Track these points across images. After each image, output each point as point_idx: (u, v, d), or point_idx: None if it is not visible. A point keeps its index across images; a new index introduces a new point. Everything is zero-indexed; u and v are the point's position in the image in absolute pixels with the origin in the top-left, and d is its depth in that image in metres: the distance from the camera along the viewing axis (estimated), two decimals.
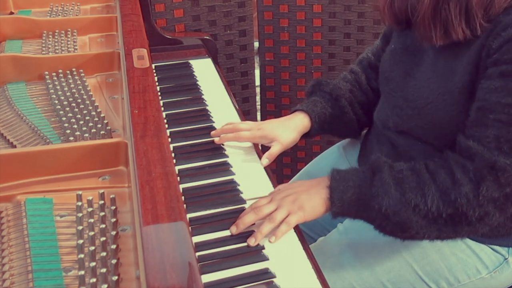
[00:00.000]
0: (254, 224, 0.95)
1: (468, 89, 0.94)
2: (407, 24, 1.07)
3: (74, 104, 1.14)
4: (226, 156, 1.16)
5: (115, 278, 0.75)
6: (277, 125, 1.18)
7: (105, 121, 1.08)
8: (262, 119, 2.00)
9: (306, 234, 1.29)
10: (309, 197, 0.96)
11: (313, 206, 0.96)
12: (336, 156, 1.34)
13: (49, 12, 1.61)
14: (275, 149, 1.14)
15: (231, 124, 1.19)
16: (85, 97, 1.18)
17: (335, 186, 0.95)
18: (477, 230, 0.92)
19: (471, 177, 0.88)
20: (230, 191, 1.05)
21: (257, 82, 1.95)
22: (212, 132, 1.19)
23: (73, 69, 1.29)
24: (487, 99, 0.89)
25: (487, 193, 0.87)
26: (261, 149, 1.22)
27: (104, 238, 0.80)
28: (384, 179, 0.93)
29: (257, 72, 1.94)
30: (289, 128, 1.17)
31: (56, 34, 1.46)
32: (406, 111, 1.05)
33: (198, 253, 0.89)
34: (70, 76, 1.27)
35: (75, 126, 1.05)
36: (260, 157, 1.17)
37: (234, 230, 0.93)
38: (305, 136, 1.22)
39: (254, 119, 2.02)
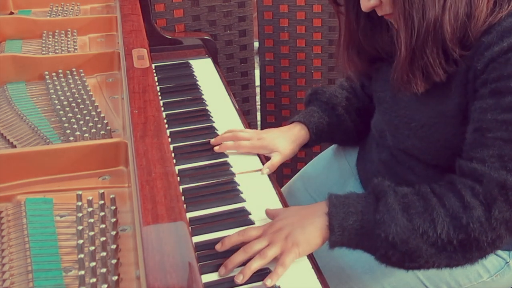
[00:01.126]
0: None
1: (461, 111, 0.92)
2: (381, 61, 1.07)
3: (74, 104, 1.14)
4: (226, 156, 1.16)
5: (115, 278, 0.75)
6: (277, 135, 1.18)
7: (105, 121, 1.08)
8: (262, 119, 2.00)
9: None
10: (302, 230, 0.89)
11: (309, 239, 0.89)
12: (335, 156, 1.34)
13: (49, 12, 1.61)
14: (276, 160, 1.15)
15: (231, 132, 1.18)
16: (85, 97, 1.18)
17: (334, 212, 0.89)
18: (486, 254, 0.88)
19: (481, 200, 0.84)
20: (230, 191, 1.05)
21: (257, 82, 1.95)
22: (212, 140, 1.18)
23: (73, 69, 1.29)
24: (483, 119, 0.86)
25: (499, 215, 0.83)
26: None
27: (104, 238, 0.80)
28: (389, 204, 0.87)
29: (257, 72, 1.94)
30: (289, 140, 1.18)
31: (56, 34, 1.46)
32: (402, 130, 1.02)
33: (198, 253, 0.89)
34: (70, 76, 1.27)
35: (75, 126, 1.05)
36: (260, 157, 1.17)
37: (223, 272, 0.86)
38: (304, 147, 1.21)
39: (254, 119, 2.02)
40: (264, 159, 1.18)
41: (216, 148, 1.16)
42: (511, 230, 0.86)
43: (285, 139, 1.17)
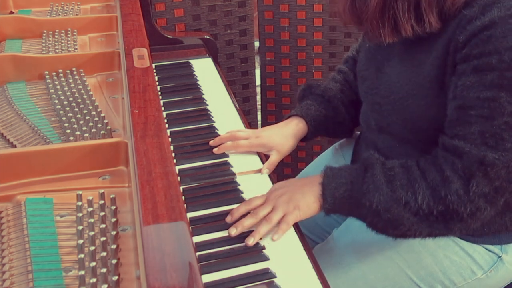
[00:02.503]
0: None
1: (437, 83, 0.94)
2: None
3: (74, 104, 1.14)
4: (227, 156, 1.16)
5: (115, 278, 0.75)
6: (275, 132, 1.18)
7: (105, 121, 1.08)
8: (263, 118, 2.00)
9: (306, 236, 1.29)
10: (303, 195, 0.97)
11: (308, 204, 0.96)
12: (334, 156, 1.35)
13: (49, 11, 1.61)
14: (274, 159, 1.16)
15: (229, 133, 1.19)
16: (85, 97, 1.18)
17: (327, 183, 0.96)
18: (469, 225, 0.92)
19: (461, 174, 0.88)
20: (230, 191, 1.05)
21: (258, 82, 1.95)
22: (211, 142, 1.18)
23: (73, 69, 1.29)
24: (465, 96, 0.88)
25: (477, 189, 0.87)
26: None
27: (104, 238, 0.80)
28: (375, 175, 0.93)
29: (257, 72, 1.94)
30: (287, 136, 1.19)
31: (56, 33, 1.46)
32: (384, 107, 1.05)
33: (198, 253, 0.89)
34: (70, 76, 1.27)
35: (75, 126, 1.05)
36: (260, 157, 1.17)
37: (233, 231, 0.93)
38: (303, 140, 1.23)
39: (254, 119, 2.02)
40: (264, 157, 1.18)
41: (215, 150, 1.17)
42: (491, 202, 0.89)
43: (282, 136, 1.18)
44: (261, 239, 0.93)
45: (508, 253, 1.05)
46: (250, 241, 0.92)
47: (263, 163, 1.15)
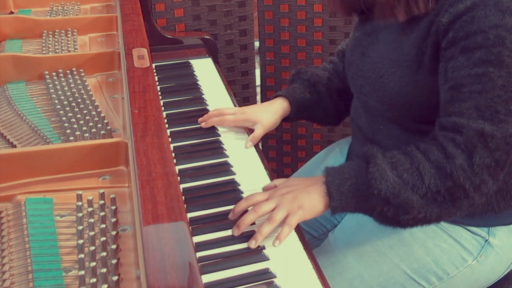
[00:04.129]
0: (254, 223, 0.95)
1: (415, 62, 0.98)
2: (360, 13, 1.13)
3: (74, 104, 1.14)
4: (226, 156, 1.16)
5: (115, 278, 0.75)
6: (259, 109, 1.26)
7: (105, 121, 1.08)
8: None
9: (304, 230, 1.30)
10: (307, 195, 0.96)
11: (312, 204, 0.96)
12: (332, 154, 1.37)
13: (49, 11, 1.61)
14: (258, 132, 1.21)
15: (217, 110, 1.27)
16: (85, 97, 1.18)
17: (331, 180, 0.95)
18: (475, 201, 0.93)
19: (463, 149, 0.90)
20: (230, 191, 1.05)
21: (258, 82, 1.95)
22: (200, 119, 1.25)
23: (73, 69, 1.29)
24: (457, 76, 0.91)
25: (480, 161, 0.89)
26: (261, 149, 1.22)
27: (104, 238, 0.80)
28: (378, 164, 0.93)
29: (257, 72, 1.94)
30: (271, 112, 1.25)
31: (56, 33, 1.46)
32: (366, 88, 1.10)
33: (198, 253, 0.89)
34: (70, 76, 1.27)
35: (75, 126, 1.05)
36: (260, 157, 1.17)
37: (236, 231, 0.93)
38: (286, 120, 1.29)
39: None
40: (264, 158, 1.18)
41: (203, 124, 1.24)
42: (493, 175, 0.91)
43: (267, 112, 1.25)
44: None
45: (495, 236, 1.07)
46: (253, 244, 0.91)
47: (264, 164, 1.15)
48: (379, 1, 1.02)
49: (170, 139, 1.10)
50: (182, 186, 1.05)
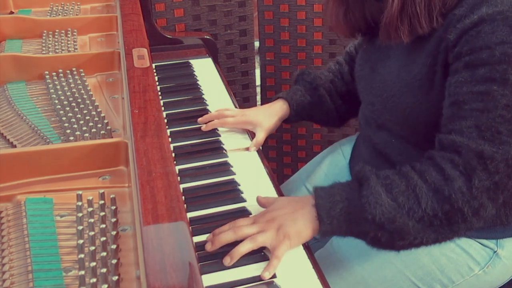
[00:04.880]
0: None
1: (427, 81, 0.96)
2: (364, 33, 1.13)
3: (74, 104, 1.14)
4: (226, 156, 1.16)
5: (115, 278, 0.75)
6: (260, 111, 1.26)
7: (105, 121, 1.08)
8: None
9: None
10: (293, 222, 0.90)
11: (299, 232, 0.90)
12: (334, 155, 1.35)
13: (49, 11, 1.61)
14: (260, 136, 1.21)
15: (217, 112, 1.26)
16: (85, 97, 1.18)
17: (321, 203, 0.90)
18: (473, 225, 0.90)
19: (462, 171, 0.87)
20: (230, 191, 1.05)
21: (258, 82, 1.95)
22: (199, 119, 1.25)
23: (73, 69, 1.29)
24: (459, 92, 0.89)
25: (479, 183, 0.86)
26: (261, 149, 1.22)
27: (104, 238, 0.80)
28: (372, 187, 0.89)
29: (257, 72, 1.94)
30: (271, 114, 1.25)
31: (56, 33, 1.46)
32: (376, 106, 1.08)
33: (198, 253, 0.89)
34: (70, 76, 1.27)
35: (75, 126, 1.05)
36: (260, 157, 1.17)
37: (209, 247, 0.89)
38: (286, 121, 1.29)
39: None
40: (264, 160, 1.18)
41: (203, 127, 1.23)
42: (493, 199, 0.88)
43: (266, 114, 1.25)
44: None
45: (504, 248, 1.05)
46: (227, 262, 0.87)
47: (264, 164, 1.15)
48: (383, 23, 0.98)
49: (170, 139, 1.10)
50: (182, 186, 1.05)
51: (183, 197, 1.00)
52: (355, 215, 0.89)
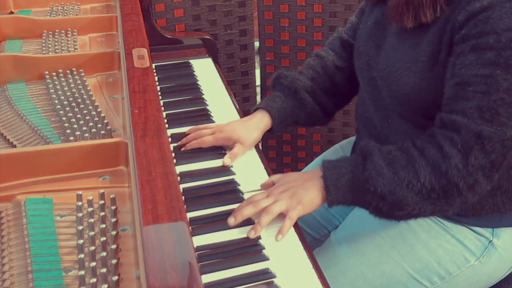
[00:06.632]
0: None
1: (432, 59, 0.98)
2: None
3: (74, 104, 1.14)
4: None
5: (115, 278, 0.75)
6: (238, 126, 1.18)
7: (105, 121, 1.08)
8: None
9: (306, 232, 1.29)
10: (305, 190, 0.98)
11: (311, 198, 0.98)
12: (335, 155, 1.35)
13: (49, 11, 1.61)
14: (236, 150, 1.15)
15: (195, 131, 1.19)
16: (85, 97, 1.18)
17: (328, 175, 0.97)
18: (468, 200, 0.94)
19: (459, 149, 0.91)
20: (230, 191, 1.05)
21: (258, 82, 1.95)
22: (178, 143, 1.18)
23: (73, 69, 1.29)
24: (463, 74, 0.92)
25: (475, 161, 0.91)
26: (261, 149, 1.22)
27: (104, 238, 0.80)
28: (375, 161, 0.95)
29: (257, 72, 1.94)
30: (250, 128, 1.18)
31: (56, 33, 1.46)
32: (378, 81, 1.09)
33: (198, 253, 0.89)
34: (70, 76, 1.27)
35: (75, 126, 1.05)
36: (260, 157, 1.17)
37: (232, 221, 0.95)
38: (271, 131, 1.22)
39: None
40: (265, 160, 1.18)
41: (182, 149, 1.17)
42: (488, 176, 0.92)
43: (246, 128, 1.18)
44: (260, 239, 0.94)
45: (499, 237, 1.07)
46: (252, 234, 0.93)
47: (263, 164, 1.15)
48: (388, 5, 1.02)
49: (170, 139, 1.10)
50: (182, 186, 1.05)
51: (183, 197, 1.00)
52: (359, 186, 0.96)
